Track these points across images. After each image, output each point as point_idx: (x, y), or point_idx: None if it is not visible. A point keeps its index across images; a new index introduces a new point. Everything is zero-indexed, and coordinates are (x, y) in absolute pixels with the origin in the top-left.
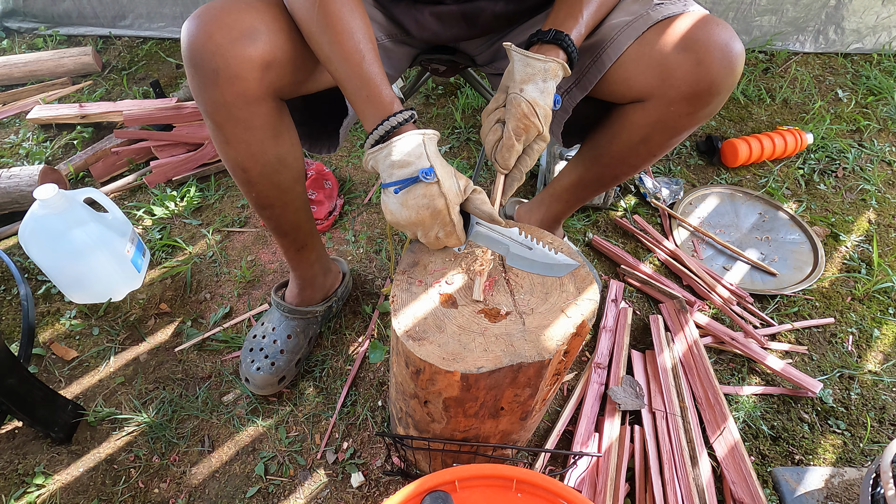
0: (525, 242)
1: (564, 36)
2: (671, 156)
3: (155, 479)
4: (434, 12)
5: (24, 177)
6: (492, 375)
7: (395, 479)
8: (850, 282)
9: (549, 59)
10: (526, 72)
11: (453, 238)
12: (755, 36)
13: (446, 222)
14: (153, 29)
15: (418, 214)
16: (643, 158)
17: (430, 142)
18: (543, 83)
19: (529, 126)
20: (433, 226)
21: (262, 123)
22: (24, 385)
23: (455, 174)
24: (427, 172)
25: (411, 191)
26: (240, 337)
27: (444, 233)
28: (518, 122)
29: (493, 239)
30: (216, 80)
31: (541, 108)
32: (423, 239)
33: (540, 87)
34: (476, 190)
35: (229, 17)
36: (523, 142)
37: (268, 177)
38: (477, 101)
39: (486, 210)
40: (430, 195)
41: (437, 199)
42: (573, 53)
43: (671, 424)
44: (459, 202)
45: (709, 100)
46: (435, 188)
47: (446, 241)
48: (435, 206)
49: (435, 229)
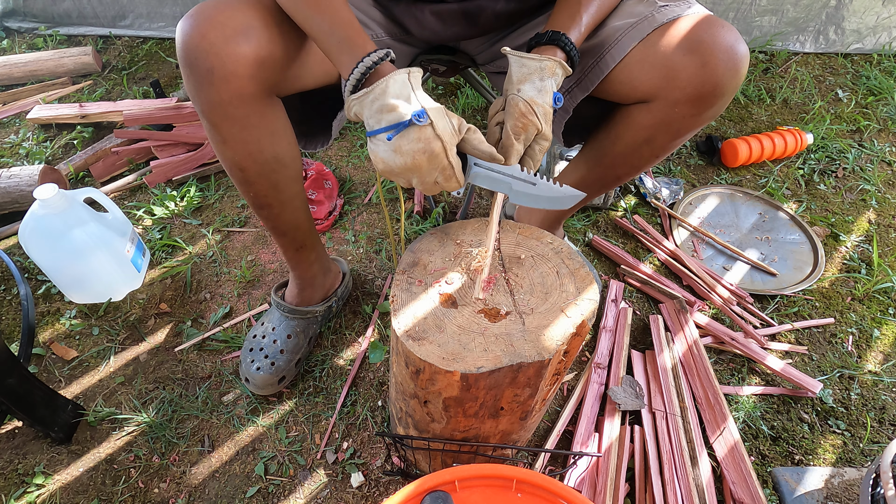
0: (528, 178)
1: (562, 35)
2: (671, 156)
3: (155, 479)
4: (434, 11)
5: (24, 177)
6: (492, 375)
7: (395, 479)
8: (850, 282)
9: (545, 57)
10: (522, 72)
11: (453, 181)
12: (755, 36)
13: (444, 166)
14: (153, 29)
15: (414, 160)
16: (646, 159)
17: (416, 80)
18: (541, 81)
19: (528, 124)
20: (431, 171)
21: (258, 122)
22: (24, 385)
23: (446, 113)
24: (420, 114)
25: (404, 136)
26: (240, 337)
27: (443, 177)
28: (516, 121)
29: (494, 178)
30: (211, 80)
31: (539, 105)
32: (420, 186)
33: (537, 86)
34: (471, 129)
35: (222, 16)
36: (523, 141)
37: (265, 176)
38: (477, 101)
39: (485, 149)
40: (426, 138)
41: (432, 142)
42: (572, 52)
43: (671, 424)
44: (456, 143)
45: (713, 101)
46: (429, 130)
47: (445, 184)
48: (431, 149)
49: (433, 174)
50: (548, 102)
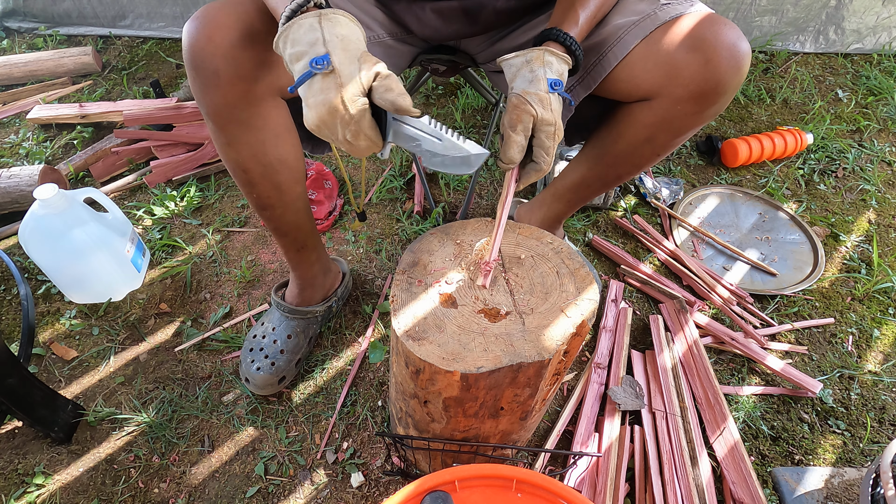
0: (434, 133)
1: (553, 30)
2: (671, 156)
3: (155, 479)
4: (435, 8)
5: (24, 177)
6: (492, 375)
7: (395, 479)
8: (850, 282)
9: (529, 50)
10: (511, 72)
11: (361, 139)
12: (755, 36)
13: (347, 121)
14: (153, 29)
15: (318, 114)
16: (647, 158)
17: (332, 23)
18: (531, 73)
19: (521, 113)
20: (335, 126)
21: (263, 124)
22: (24, 385)
23: (362, 60)
24: (318, 60)
25: (310, 87)
26: (240, 337)
27: (351, 134)
28: (510, 114)
29: (406, 135)
30: (217, 82)
31: (532, 94)
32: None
33: (527, 78)
34: (382, 75)
35: (229, 19)
36: (521, 131)
37: (268, 178)
38: (477, 100)
39: (389, 98)
40: (326, 88)
41: (330, 92)
42: (568, 42)
43: (671, 424)
44: (361, 92)
45: (715, 99)
46: (331, 79)
47: (356, 143)
48: (329, 100)
49: (340, 130)
50: (541, 89)
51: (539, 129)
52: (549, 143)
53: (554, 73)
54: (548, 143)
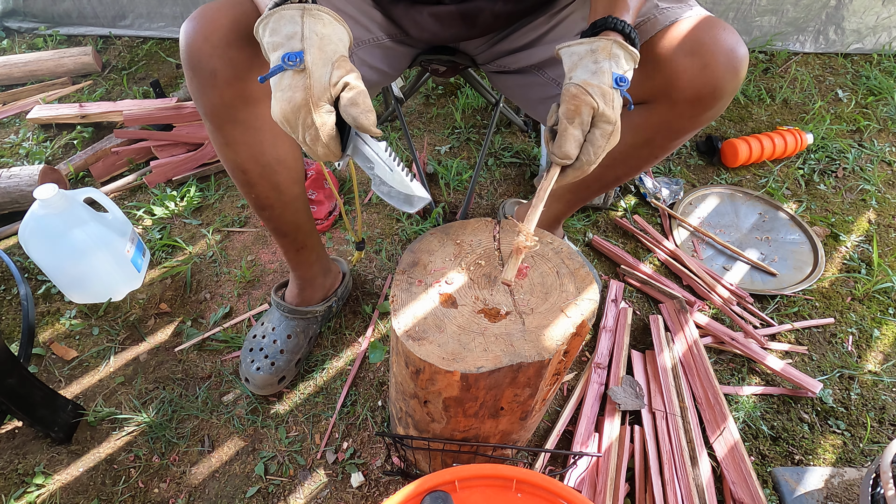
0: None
1: (611, 18)
2: (671, 156)
3: (155, 479)
4: (433, 13)
5: (24, 177)
6: (492, 375)
7: (395, 479)
8: (850, 282)
9: (597, 39)
10: (572, 61)
11: (318, 145)
12: (755, 36)
13: (308, 124)
14: (153, 29)
15: (282, 109)
16: (645, 160)
17: (314, 19)
18: (594, 64)
19: (580, 104)
20: (297, 125)
21: (261, 125)
22: (24, 385)
23: (336, 63)
24: (291, 56)
25: (280, 81)
26: (240, 337)
27: (311, 137)
28: (568, 104)
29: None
30: (214, 82)
31: (593, 86)
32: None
33: (591, 69)
34: (350, 86)
35: (226, 19)
36: (579, 125)
37: (267, 178)
38: (477, 100)
39: (352, 113)
40: (294, 86)
41: (297, 92)
42: (627, 30)
43: (671, 424)
44: (327, 98)
45: (713, 103)
46: (300, 78)
47: (313, 148)
48: (294, 99)
49: (300, 131)
50: (605, 83)
51: (596, 125)
52: (601, 142)
53: (620, 69)
54: (600, 142)
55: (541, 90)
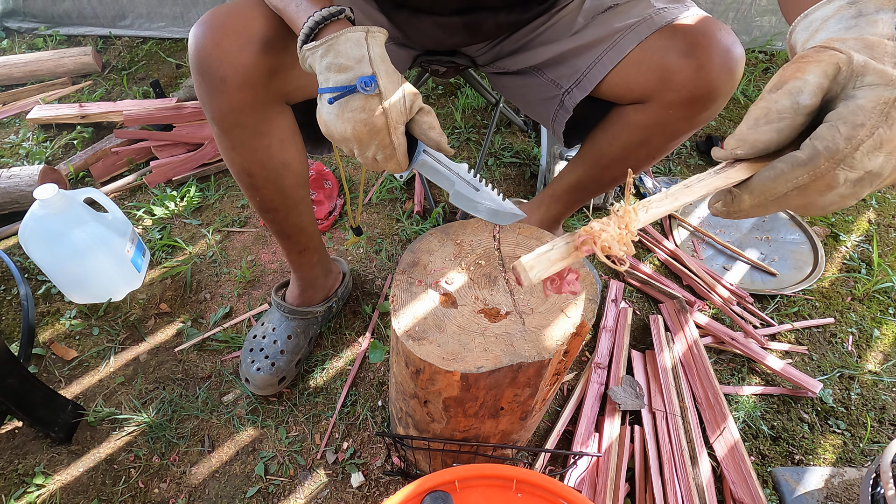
0: (472, 182)
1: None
2: (671, 156)
3: (155, 479)
4: (436, 22)
5: (24, 177)
6: (492, 375)
7: (395, 479)
8: (850, 282)
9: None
10: (814, 27)
11: (392, 162)
12: (755, 36)
13: (385, 144)
14: (153, 29)
15: (354, 130)
16: (642, 160)
17: (376, 42)
18: (856, 16)
19: (806, 64)
20: (370, 145)
21: (268, 129)
22: (24, 385)
23: (403, 85)
24: (367, 82)
25: (348, 102)
26: (240, 337)
27: (383, 156)
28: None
29: (439, 172)
30: (224, 88)
31: (849, 40)
32: (360, 158)
33: (849, 22)
34: (424, 110)
35: (237, 24)
36: (788, 92)
37: (273, 182)
38: (477, 100)
39: (434, 137)
40: (370, 109)
41: (376, 116)
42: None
43: (671, 424)
44: (404, 121)
45: (708, 104)
46: (376, 102)
47: (384, 164)
48: (374, 123)
49: (372, 149)
50: (877, 33)
51: (853, 88)
52: (860, 117)
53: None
54: (858, 117)
55: (540, 91)
